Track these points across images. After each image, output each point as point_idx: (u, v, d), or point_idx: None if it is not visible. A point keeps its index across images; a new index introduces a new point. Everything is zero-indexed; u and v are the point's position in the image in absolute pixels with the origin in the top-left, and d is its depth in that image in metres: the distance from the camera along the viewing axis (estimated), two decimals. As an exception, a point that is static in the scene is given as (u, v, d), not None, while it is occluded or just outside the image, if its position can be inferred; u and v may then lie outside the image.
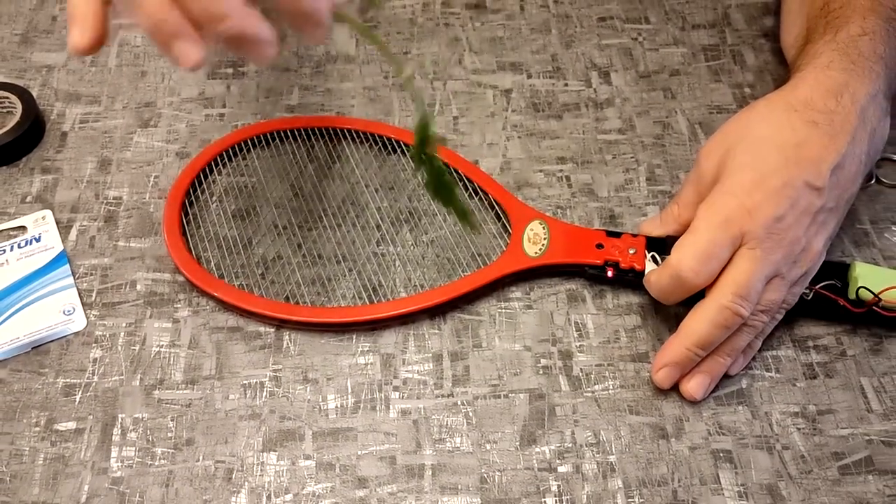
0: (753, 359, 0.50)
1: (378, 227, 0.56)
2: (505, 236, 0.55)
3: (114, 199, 0.58)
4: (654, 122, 0.63)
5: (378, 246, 0.56)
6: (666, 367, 0.48)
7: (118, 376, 0.50)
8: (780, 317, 0.50)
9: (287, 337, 0.51)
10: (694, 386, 0.48)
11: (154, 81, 0.65)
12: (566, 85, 0.65)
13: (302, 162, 0.60)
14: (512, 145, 0.62)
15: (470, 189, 0.58)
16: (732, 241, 0.47)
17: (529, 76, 0.66)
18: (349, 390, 0.50)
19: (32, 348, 0.50)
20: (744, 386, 0.50)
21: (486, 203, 0.58)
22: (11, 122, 0.60)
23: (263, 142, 0.61)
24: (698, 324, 0.47)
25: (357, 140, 0.61)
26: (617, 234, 0.54)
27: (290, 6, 0.38)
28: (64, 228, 0.56)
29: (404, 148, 0.60)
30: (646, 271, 0.52)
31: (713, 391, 0.49)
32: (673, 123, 0.63)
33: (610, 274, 0.53)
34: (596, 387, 0.50)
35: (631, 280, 0.53)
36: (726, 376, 0.50)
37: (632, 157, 0.61)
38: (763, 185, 0.48)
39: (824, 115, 0.49)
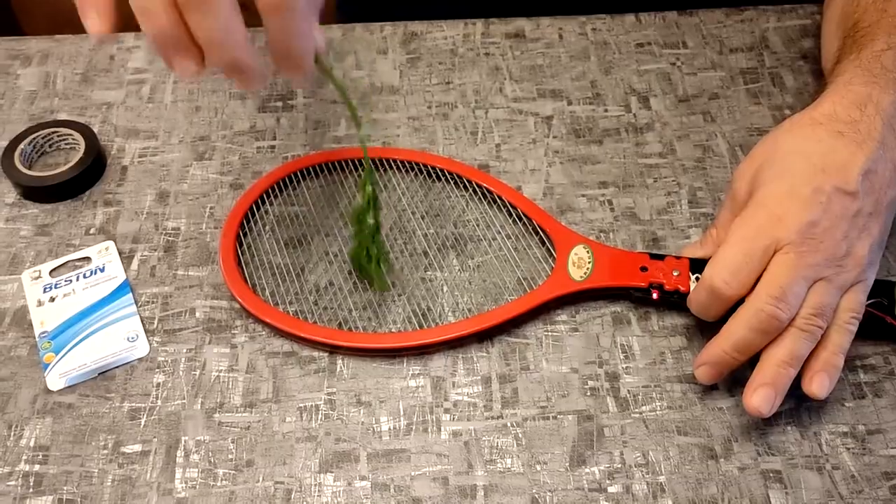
0: (800, 378, 0.50)
1: (425, 253, 0.58)
2: (549, 260, 0.57)
3: (172, 229, 0.60)
4: (694, 145, 0.64)
5: (426, 272, 0.57)
6: (705, 365, 0.49)
7: (180, 400, 0.52)
8: (851, 328, 0.49)
9: (340, 361, 0.53)
10: (758, 400, 0.47)
11: (208, 116, 0.68)
12: (606, 111, 0.67)
13: (351, 191, 0.62)
14: (554, 171, 0.63)
15: (514, 215, 0.59)
16: (765, 249, 0.48)
17: (570, 103, 0.67)
18: (401, 412, 0.51)
19: (99, 374, 0.53)
20: (792, 406, 0.50)
21: (529, 228, 0.59)
22: (75, 158, 0.63)
23: (314, 172, 0.63)
24: (736, 326, 0.48)
25: (403, 169, 0.63)
26: (660, 257, 0.55)
27: (280, 50, 0.41)
28: (126, 258, 0.59)
29: (448, 176, 0.62)
30: (691, 293, 0.53)
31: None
32: (713, 146, 0.64)
33: (655, 296, 0.54)
34: (644, 408, 0.51)
35: (675, 301, 0.54)
36: (813, 400, 0.48)
37: (673, 181, 0.62)
38: (793, 194, 0.49)
39: (849, 125, 0.50)
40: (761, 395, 0.47)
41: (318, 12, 0.44)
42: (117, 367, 0.53)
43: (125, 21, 0.41)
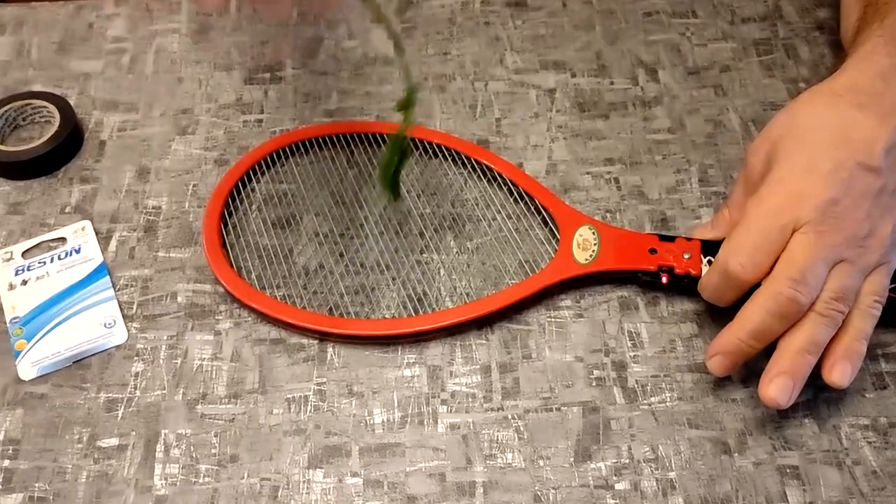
0: (819, 366, 0.47)
1: (421, 234, 0.55)
2: (553, 242, 0.54)
3: (153, 208, 0.57)
4: (704, 120, 0.61)
5: (422, 254, 0.54)
6: (718, 355, 0.46)
7: (160, 391, 0.49)
8: (875, 313, 0.46)
9: (331, 349, 0.50)
10: (775, 390, 0.44)
11: (191, 88, 0.64)
12: (612, 83, 0.63)
13: (342, 168, 0.58)
14: (557, 147, 0.60)
15: (515, 193, 0.56)
16: (783, 229, 0.45)
17: (574, 75, 0.64)
18: (395, 404, 0.48)
19: (74, 362, 0.50)
20: (809, 397, 0.48)
21: (531, 208, 0.56)
22: (50, 132, 0.59)
23: (303, 148, 0.59)
24: (752, 312, 0.45)
25: (398, 144, 0.59)
26: (670, 239, 0.52)
27: None
28: (103, 239, 0.55)
29: (446, 152, 0.58)
30: (702, 277, 0.50)
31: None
32: (725, 121, 0.61)
33: (664, 280, 0.51)
34: (652, 399, 0.48)
35: (686, 286, 0.51)
36: (834, 389, 0.45)
37: (683, 158, 0.59)
38: (813, 170, 0.46)
39: (872, 98, 0.47)
40: (778, 385, 0.44)
41: None
42: (93, 355, 0.50)
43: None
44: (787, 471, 0.45)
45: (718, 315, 0.50)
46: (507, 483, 0.45)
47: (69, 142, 0.59)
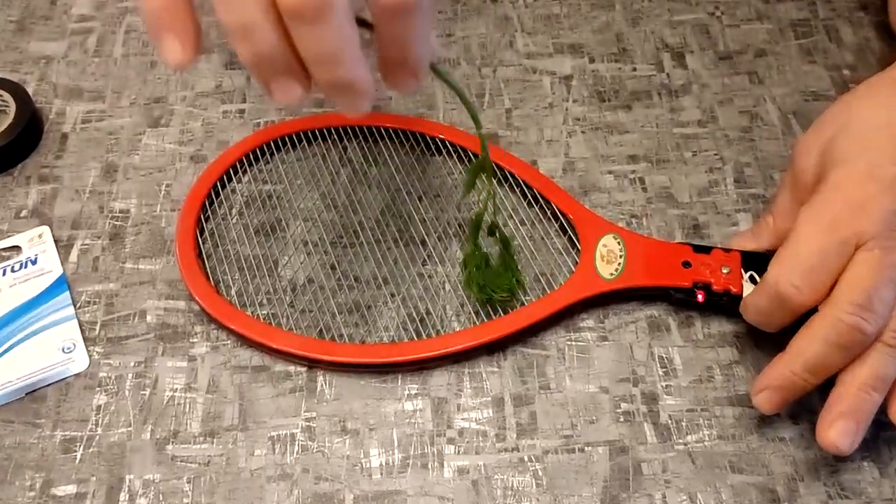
0: (885, 404, 0.41)
1: (423, 242, 0.49)
2: (573, 252, 0.47)
3: (120, 212, 0.51)
4: (739, 111, 0.54)
5: (424, 266, 0.48)
6: (767, 389, 0.40)
7: (125, 428, 0.43)
8: None
9: (321, 378, 0.44)
10: (835, 435, 0.38)
11: (164, 73, 0.57)
12: (634, 69, 0.57)
13: (334, 166, 0.52)
14: (575, 142, 0.53)
15: (529, 196, 0.50)
16: (843, 245, 0.39)
17: (592, 60, 0.57)
18: (395, 443, 0.42)
19: (27, 394, 0.44)
20: (868, 437, 0.41)
21: (547, 213, 0.49)
22: (4, 124, 0.53)
23: (290, 143, 0.53)
24: (808, 342, 0.39)
25: (397, 140, 0.53)
26: (706, 250, 0.46)
27: (396, 59, 0.33)
28: (63, 248, 0.49)
29: (451, 148, 0.52)
30: (744, 294, 0.44)
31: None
32: (762, 113, 0.54)
33: (700, 298, 0.45)
34: (689, 437, 0.42)
35: (725, 305, 0.45)
36: None
37: (715, 155, 0.52)
38: (876, 175, 0.40)
39: None
40: (840, 429, 0.38)
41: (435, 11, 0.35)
42: (49, 384, 0.44)
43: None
44: (846, 523, 0.40)
45: (763, 339, 0.44)
46: (525, 538, 0.39)
47: (26, 135, 0.53)
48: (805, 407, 0.42)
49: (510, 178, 0.51)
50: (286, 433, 0.42)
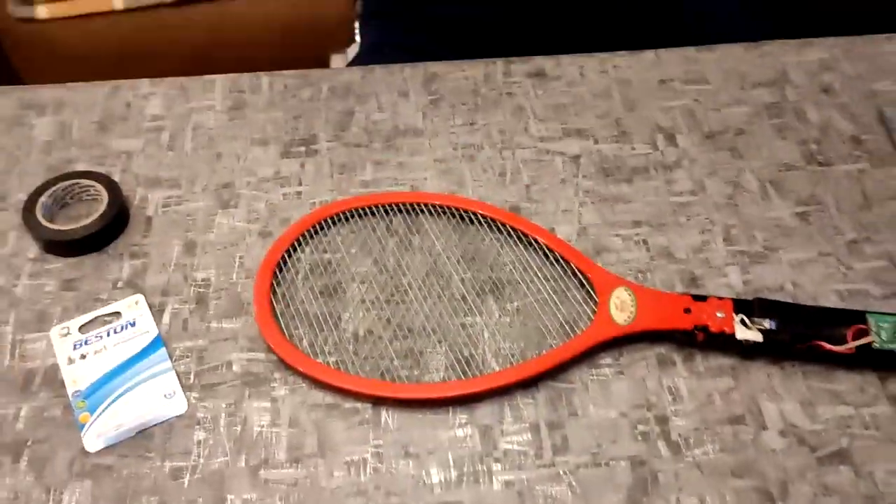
0: (851, 416, 0.50)
1: (464, 298, 0.57)
2: (590, 303, 0.56)
3: (202, 280, 0.59)
4: (724, 182, 0.64)
5: (465, 317, 0.56)
6: None
7: (223, 457, 0.50)
8: None
9: (385, 412, 0.52)
10: None
11: (230, 163, 0.67)
12: (633, 148, 0.67)
13: (383, 237, 0.61)
14: (586, 211, 0.63)
15: (550, 257, 0.59)
16: None
17: (596, 141, 0.67)
18: (451, 463, 0.50)
19: (137, 433, 0.51)
20: (844, 445, 0.50)
21: (567, 271, 0.58)
22: (99, 210, 0.61)
23: (343, 219, 0.62)
24: None
25: (434, 213, 0.62)
26: (703, 298, 0.54)
27: None
28: (157, 312, 0.57)
29: (481, 219, 0.61)
30: (736, 334, 0.52)
31: (813, 451, 0.49)
32: (743, 182, 0.64)
33: (700, 338, 0.53)
34: (696, 451, 0.50)
35: (720, 344, 0.53)
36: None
37: (706, 218, 0.62)
38: None
39: None
40: None
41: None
42: (156, 425, 0.52)
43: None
44: (831, 517, 0.47)
45: (753, 369, 0.53)
46: (564, 538, 0.47)
47: (117, 219, 0.62)
48: (789, 422, 0.50)
49: (534, 243, 0.60)
50: (359, 458, 0.50)
